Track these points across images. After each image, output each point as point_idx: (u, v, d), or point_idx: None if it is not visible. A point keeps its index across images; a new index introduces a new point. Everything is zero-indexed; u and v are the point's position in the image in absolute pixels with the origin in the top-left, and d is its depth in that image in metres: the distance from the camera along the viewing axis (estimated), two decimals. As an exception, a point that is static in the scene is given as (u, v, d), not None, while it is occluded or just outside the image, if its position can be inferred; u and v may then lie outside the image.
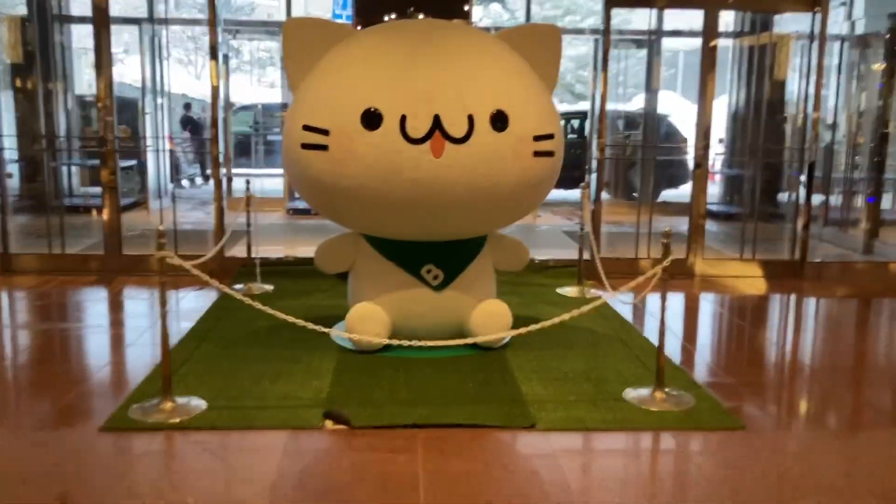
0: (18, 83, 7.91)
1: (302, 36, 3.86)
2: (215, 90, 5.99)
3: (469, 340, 3.62)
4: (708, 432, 3.17)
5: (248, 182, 5.66)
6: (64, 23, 8.66)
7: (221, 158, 6.09)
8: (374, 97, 3.59)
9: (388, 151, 3.55)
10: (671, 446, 3.10)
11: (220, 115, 6.13)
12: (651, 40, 9.15)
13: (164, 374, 3.25)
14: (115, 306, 5.17)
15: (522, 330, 3.53)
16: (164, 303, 3.21)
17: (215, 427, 3.11)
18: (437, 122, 3.53)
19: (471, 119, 3.58)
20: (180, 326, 4.54)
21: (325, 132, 3.62)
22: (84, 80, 9.93)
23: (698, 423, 3.25)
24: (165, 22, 8.21)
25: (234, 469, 2.82)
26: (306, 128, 3.67)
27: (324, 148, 3.63)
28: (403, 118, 3.54)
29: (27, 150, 7.77)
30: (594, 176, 6.21)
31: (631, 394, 3.53)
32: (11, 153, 7.43)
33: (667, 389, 3.50)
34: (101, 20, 5.81)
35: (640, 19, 11.52)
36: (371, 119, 3.56)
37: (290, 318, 3.38)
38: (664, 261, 3.45)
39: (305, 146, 3.69)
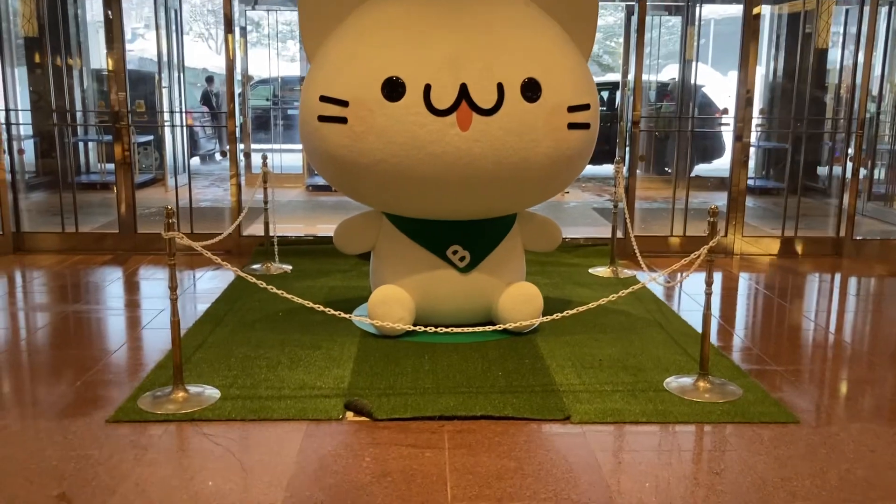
0: (35, 58, 7.74)
1: (319, 1, 3.61)
2: (231, 63, 5.78)
3: (498, 327, 3.40)
4: (758, 426, 2.94)
5: (264, 157, 5.45)
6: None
7: (239, 133, 5.89)
8: (396, 65, 3.34)
9: (411, 124, 3.31)
10: (718, 442, 2.86)
11: (238, 89, 5.91)
12: (687, 6, 8.74)
13: (175, 362, 3.07)
14: (130, 287, 5.01)
15: (556, 316, 3.30)
16: (173, 287, 3.02)
17: (229, 418, 2.94)
18: (463, 92, 3.29)
19: (500, 88, 3.32)
20: (196, 308, 4.37)
21: (343, 103, 3.38)
22: (101, 54, 9.75)
23: (746, 415, 3.01)
24: (181, -7, 8.00)
25: (249, 464, 2.64)
26: (323, 99, 3.44)
27: (342, 120, 3.39)
28: (428, 88, 3.29)
29: (42, 126, 7.63)
30: (627, 150, 5.91)
31: (672, 383, 3.30)
32: (26, 129, 7.30)
33: (710, 378, 3.26)
34: (114, -9, 5.60)
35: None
36: (393, 89, 3.32)
37: (309, 304, 3.18)
38: (710, 241, 3.19)
39: (323, 118, 3.46)
